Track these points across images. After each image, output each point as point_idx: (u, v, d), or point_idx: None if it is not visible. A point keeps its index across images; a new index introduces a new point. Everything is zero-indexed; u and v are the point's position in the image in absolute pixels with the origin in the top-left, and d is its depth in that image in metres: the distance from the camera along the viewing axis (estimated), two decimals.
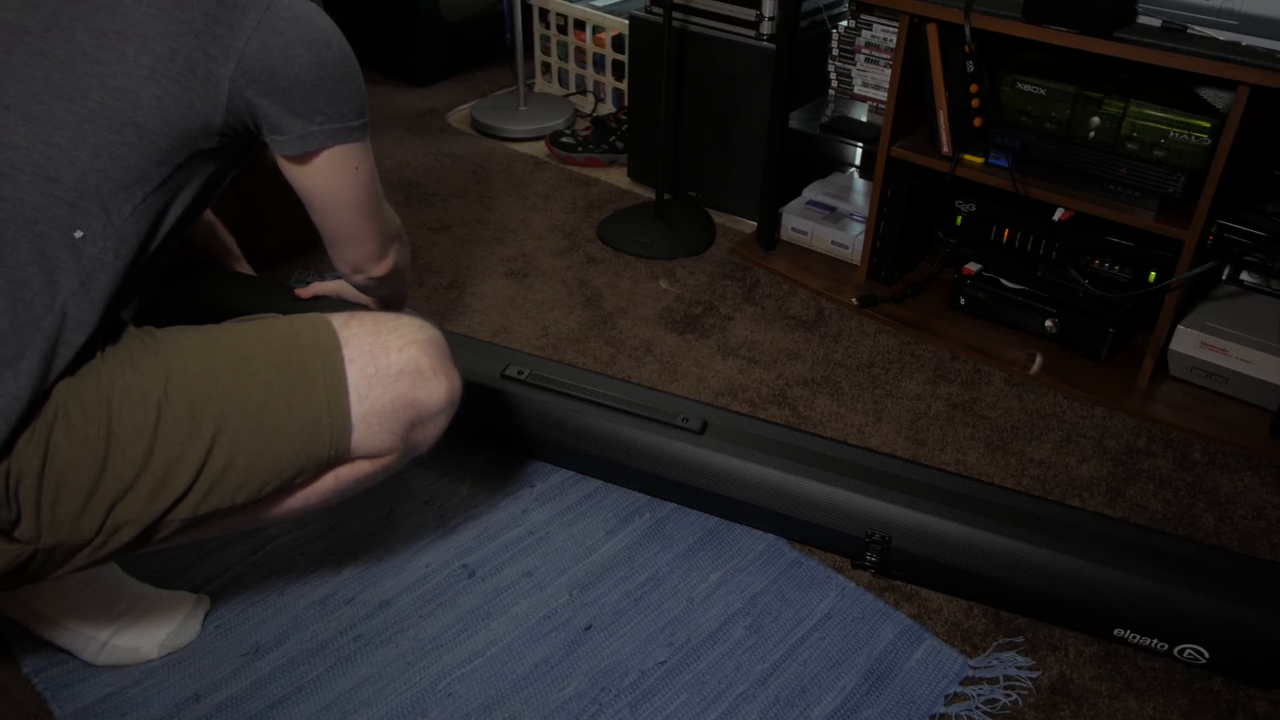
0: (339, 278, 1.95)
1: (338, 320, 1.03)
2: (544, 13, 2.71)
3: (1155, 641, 1.20)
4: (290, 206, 1.94)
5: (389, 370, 1.01)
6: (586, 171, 2.42)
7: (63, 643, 1.17)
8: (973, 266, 1.88)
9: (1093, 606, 1.21)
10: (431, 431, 1.07)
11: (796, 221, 2.07)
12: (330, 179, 1.11)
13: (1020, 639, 1.27)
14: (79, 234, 0.91)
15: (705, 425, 1.39)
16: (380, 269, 1.26)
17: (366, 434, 1.01)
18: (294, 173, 1.11)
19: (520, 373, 1.46)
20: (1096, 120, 1.60)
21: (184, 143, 0.97)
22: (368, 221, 1.19)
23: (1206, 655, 1.19)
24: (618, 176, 2.41)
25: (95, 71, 0.92)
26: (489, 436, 1.51)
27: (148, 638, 1.19)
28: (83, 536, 0.93)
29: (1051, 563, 1.22)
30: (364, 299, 1.40)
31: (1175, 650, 1.20)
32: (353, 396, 1.00)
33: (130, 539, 0.95)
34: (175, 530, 0.98)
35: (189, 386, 0.95)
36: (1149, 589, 1.19)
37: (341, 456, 1.03)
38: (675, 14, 2.13)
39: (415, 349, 1.03)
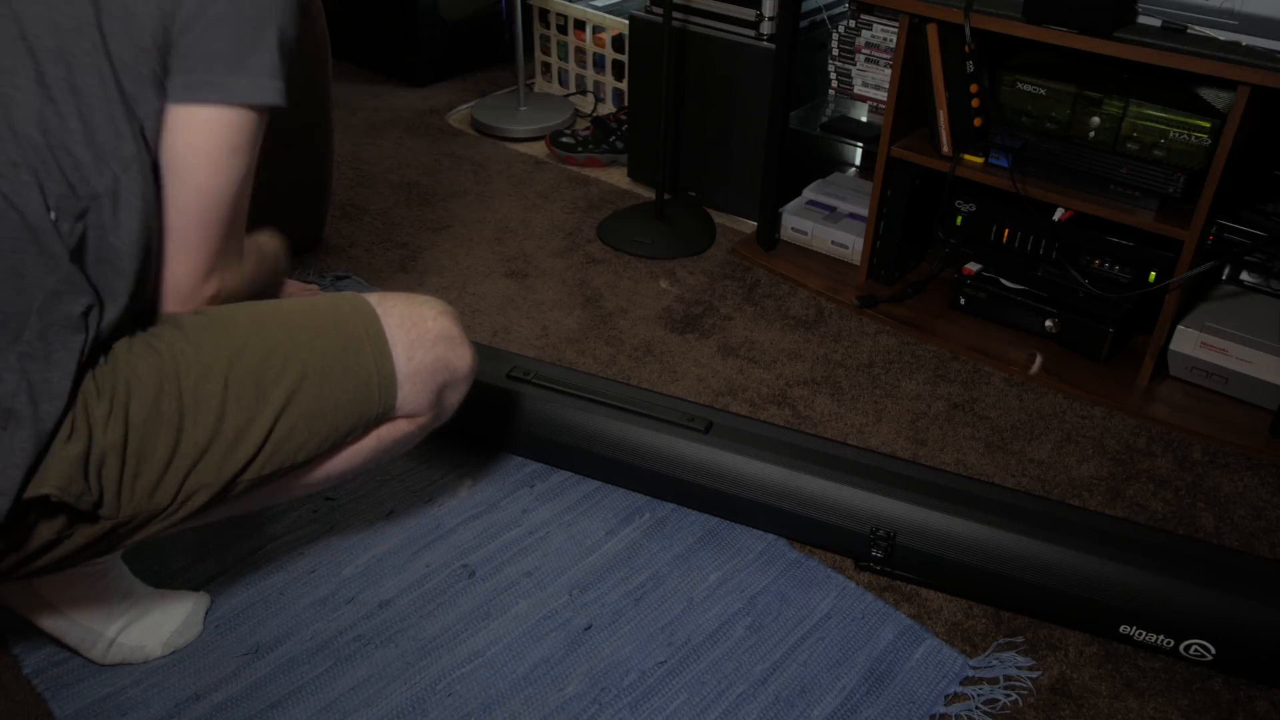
0: (343, 278, 1.96)
1: (373, 298, 1.13)
2: (544, 13, 2.71)
3: (1161, 638, 1.20)
4: (290, 207, 1.95)
5: (427, 335, 1.11)
6: (586, 171, 2.42)
7: (70, 639, 1.17)
8: (973, 266, 1.88)
9: (1100, 602, 1.21)
10: (458, 395, 1.18)
11: (796, 221, 2.07)
12: (198, 149, 0.98)
13: (1020, 639, 1.27)
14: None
15: (710, 425, 1.39)
16: (210, 287, 1.06)
17: (410, 393, 1.11)
18: (167, 132, 0.97)
19: (526, 374, 1.47)
20: (1096, 120, 1.60)
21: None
22: (213, 226, 1.01)
23: (1213, 652, 1.19)
24: (618, 176, 2.41)
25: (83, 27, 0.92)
26: (494, 438, 1.51)
27: (152, 636, 1.19)
28: (159, 505, 0.97)
29: (1059, 559, 1.22)
30: None
31: (1181, 647, 1.20)
32: (399, 359, 1.09)
33: (203, 503, 1.00)
34: (241, 492, 1.03)
35: (249, 356, 1.01)
36: (1157, 585, 1.19)
37: (387, 414, 1.11)
38: (675, 14, 2.13)
39: (446, 319, 1.14)
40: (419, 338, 1.10)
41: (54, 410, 0.88)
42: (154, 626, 1.20)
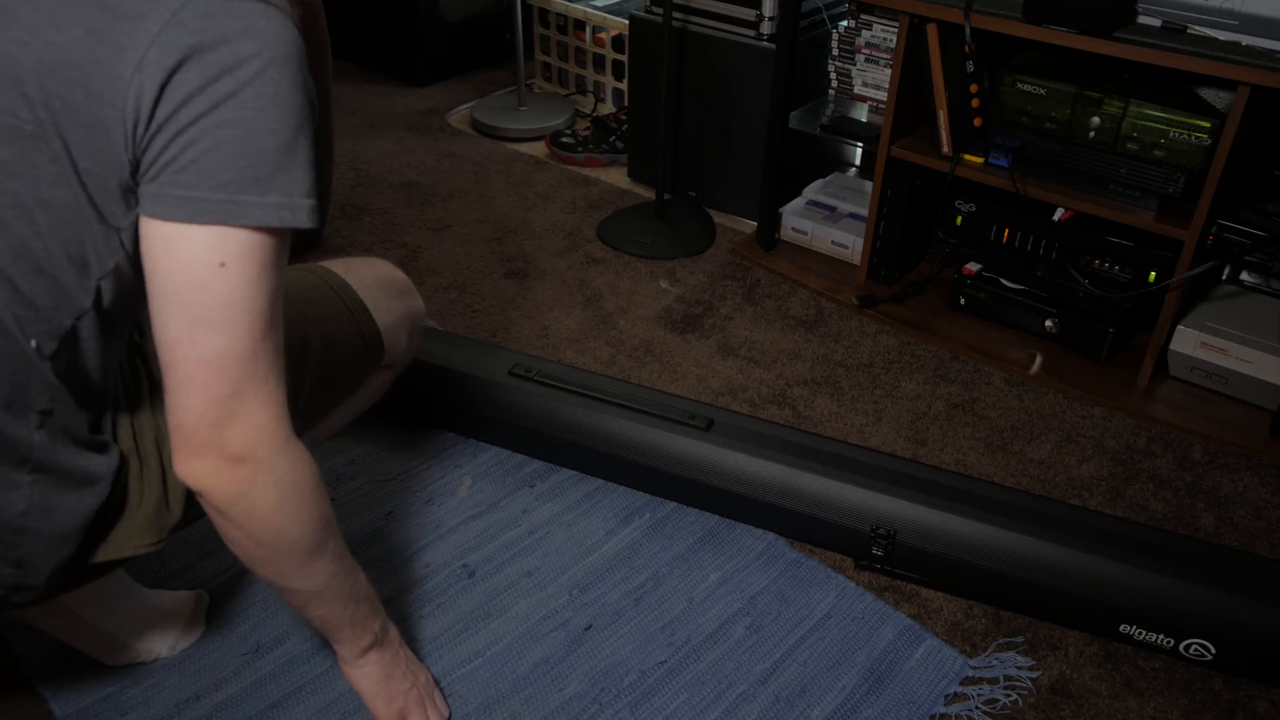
0: None
1: (338, 266, 1.22)
2: (544, 13, 2.71)
3: (1161, 638, 1.20)
4: None
5: (394, 289, 1.24)
6: (586, 171, 2.42)
7: (85, 644, 1.17)
8: (973, 266, 1.88)
9: (1100, 602, 1.21)
10: (419, 338, 1.30)
11: (796, 221, 2.07)
12: (196, 274, 0.78)
13: (1020, 639, 1.27)
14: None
15: (711, 423, 1.39)
16: (221, 463, 0.82)
17: (392, 342, 1.23)
18: (151, 251, 0.79)
19: (528, 371, 1.47)
20: (1096, 120, 1.60)
21: None
22: (214, 367, 0.79)
23: (1213, 651, 1.19)
24: (618, 176, 2.41)
25: None
26: (497, 435, 1.51)
27: (159, 637, 1.20)
28: None
29: (1060, 558, 1.22)
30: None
31: (1181, 647, 1.20)
32: (380, 316, 1.20)
33: None
34: None
35: (286, 335, 1.07)
36: (1157, 584, 1.19)
37: (377, 362, 1.23)
38: (675, 14, 2.13)
39: (399, 273, 1.27)
40: (389, 293, 1.23)
41: (78, 509, 0.88)
42: (161, 627, 1.20)
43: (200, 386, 0.80)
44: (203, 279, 0.77)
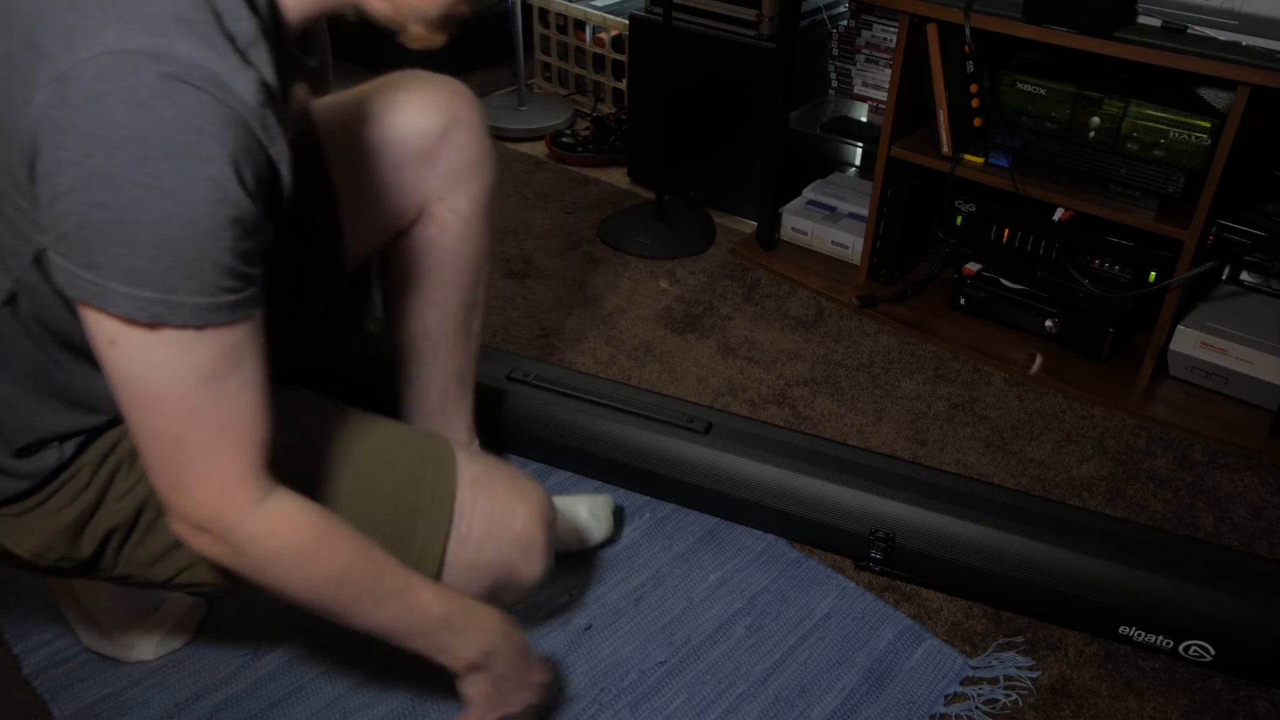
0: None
1: (472, 472, 0.99)
2: (544, 13, 2.71)
3: (1160, 639, 1.20)
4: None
5: (506, 533, 0.99)
6: (586, 171, 2.42)
7: (71, 618, 1.18)
8: (973, 266, 1.88)
9: (1100, 603, 1.21)
10: (511, 599, 1.03)
11: (796, 221, 2.07)
12: (98, 349, 0.74)
13: (1020, 639, 1.27)
14: None
15: (710, 426, 1.39)
16: (186, 527, 0.80)
17: (463, 580, 0.98)
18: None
19: (526, 375, 1.47)
20: (1096, 120, 1.60)
21: None
22: (149, 445, 0.76)
23: (1212, 652, 1.19)
24: (618, 176, 2.41)
25: None
26: (495, 439, 1.51)
27: (145, 636, 1.20)
28: (156, 577, 0.95)
29: (1059, 560, 1.22)
30: None
31: (1180, 648, 1.20)
32: (466, 546, 0.97)
33: (203, 590, 0.98)
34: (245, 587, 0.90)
35: (297, 487, 0.87)
36: (1156, 586, 1.19)
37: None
38: (675, 14, 2.13)
39: (536, 523, 1.01)
40: (498, 532, 0.99)
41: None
42: (149, 626, 1.20)
43: (143, 455, 0.77)
44: (101, 350, 0.73)
